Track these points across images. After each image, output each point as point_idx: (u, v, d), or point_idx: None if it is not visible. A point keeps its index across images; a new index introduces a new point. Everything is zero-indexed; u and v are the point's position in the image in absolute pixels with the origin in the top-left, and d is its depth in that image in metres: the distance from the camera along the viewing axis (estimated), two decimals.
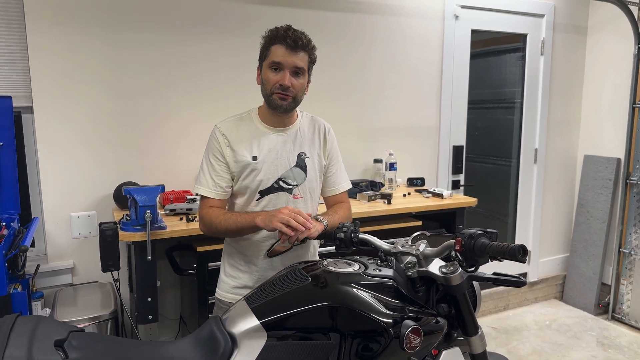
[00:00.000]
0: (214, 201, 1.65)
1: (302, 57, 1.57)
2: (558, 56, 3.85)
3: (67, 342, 1.11)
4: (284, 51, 1.54)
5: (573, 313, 3.84)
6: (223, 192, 1.65)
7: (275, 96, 1.57)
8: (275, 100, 1.58)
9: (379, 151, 3.21)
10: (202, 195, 1.65)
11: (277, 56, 1.55)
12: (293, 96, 1.58)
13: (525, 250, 1.08)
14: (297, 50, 1.55)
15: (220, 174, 1.64)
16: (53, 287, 2.44)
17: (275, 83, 1.56)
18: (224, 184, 1.65)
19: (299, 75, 1.58)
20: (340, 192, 1.81)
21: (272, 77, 1.57)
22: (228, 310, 1.28)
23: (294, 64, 1.55)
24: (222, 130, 1.65)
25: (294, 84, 1.57)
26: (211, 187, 1.64)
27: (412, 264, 1.33)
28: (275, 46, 1.55)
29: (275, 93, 1.57)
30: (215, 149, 1.64)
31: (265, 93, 1.60)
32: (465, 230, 1.20)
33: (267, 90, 1.59)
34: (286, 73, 1.55)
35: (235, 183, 1.65)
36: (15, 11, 2.31)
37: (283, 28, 1.56)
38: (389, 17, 3.15)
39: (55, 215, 2.45)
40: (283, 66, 1.55)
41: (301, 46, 1.55)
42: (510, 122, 3.85)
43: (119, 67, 2.50)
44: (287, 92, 1.56)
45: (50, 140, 2.41)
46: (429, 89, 3.37)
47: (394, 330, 1.16)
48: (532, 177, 3.92)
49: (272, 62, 1.56)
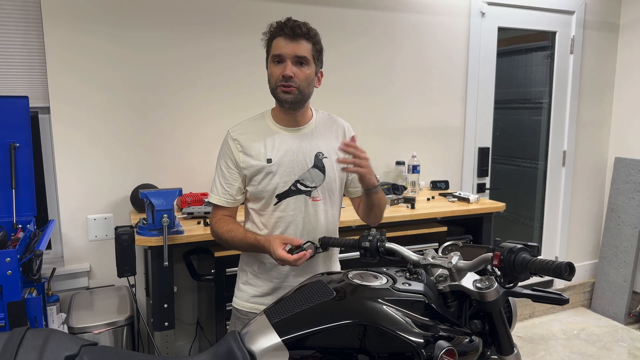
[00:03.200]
0: (224, 210, 1.61)
1: (303, 45, 1.49)
2: (588, 55, 3.70)
3: (79, 358, 1.05)
4: (283, 42, 1.48)
5: (602, 322, 3.69)
6: (233, 200, 1.60)
7: (279, 89, 1.51)
8: (279, 94, 1.51)
9: (401, 153, 3.11)
10: (213, 203, 1.62)
11: (277, 48, 1.49)
12: (297, 87, 1.50)
13: (573, 269, 0.99)
14: (296, 39, 1.48)
15: (229, 182, 1.58)
16: (69, 290, 2.41)
17: (278, 76, 1.50)
18: (233, 191, 1.59)
19: (303, 65, 1.51)
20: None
21: (275, 71, 1.51)
22: (247, 325, 1.21)
23: (294, 53, 1.48)
24: (233, 136, 1.59)
25: (297, 74, 1.49)
26: (221, 195, 1.59)
27: (444, 277, 1.24)
28: (275, 39, 1.50)
29: (279, 86, 1.51)
30: (226, 155, 1.59)
31: (271, 88, 1.54)
32: (504, 243, 1.11)
33: (272, 84, 1.53)
34: (287, 63, 1.48)
35: (250, 188, 1.59)
36: (33, 12, 2.27)
37: (282, 20, 1.51)
38: (413, 15, 3.05)
39: (71, 217, 2.41)
40: (283, 57, 1.49)
41: (300, 34, 1.48)
42: (537, 122, 3.72)
43: (135, 67, 2.46)
44: (290, 83, 1.49)
45: (66, 141, 2.37)
46: (454, 88, 3.26)
47: (426, 352, 1.07)
48: (559, 180, 3.78)
49: (274, 55, 1.50)
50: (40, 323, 1.83)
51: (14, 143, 2.15)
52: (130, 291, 2.33)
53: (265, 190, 1.57)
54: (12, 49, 2.27)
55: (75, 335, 1.84)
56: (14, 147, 2.15)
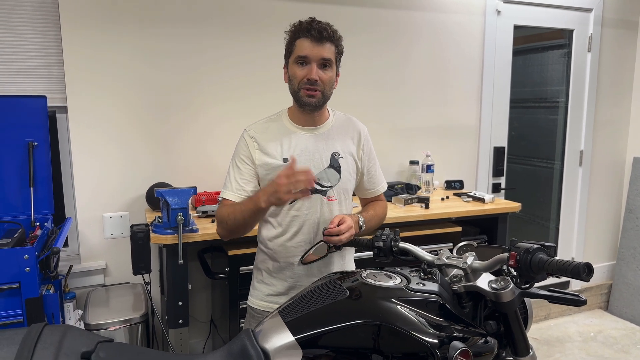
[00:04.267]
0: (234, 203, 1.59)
1: (328, 48, 1.49)
2: (606, 53, 3.64)
3: (95, 354, 1.06)
4: (309, 43, 1.47)
5: (620, 324, 3.63)
6: (247, 195, 1.58)
7: (303, 92, 1.50)
8: (303, 97, 1.51)
9: (415, 152, 3.10)
10: (224, 197, 1.58)
11: (302, 50, 1.48)
12: (321, 90, 1.50)
13: (591, 269, 0.97)
14: (322, 42, 1.47)
15: (245, 178, 1.58)
16: (85, 287, 2.44)
17: (302, 78, 1.49)
18: (248, 187, 1.58)
19: (327, 68, 1.51)
20: (379, 193, 1.78)
21: (298, 72, 1.50)
22: (261, 323, 1.21)
23: (320, 56, 1.48)
24: (251, 134, 1.58)
25: (322, 77, 1.49)
26: (235, 190, 1.58)
27: (459, 278, 1.23)
28: (300, 40, 1.49)
29: (302, 89, 1.50)
30: (242, 153, 1.58)
31: (293, 90, 1.53)
32: (521, 243, 1.10)
33: (294, 86, 1.52)
34: (313, 66, 1.48)
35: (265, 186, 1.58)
36: (51, 12, 2.30)
37: (307, 21, 1.49)
38: (428, 13, 3.03)
39: (88, 215, 2.44)
40: (309, 59, 1.48)
41: (327, 37, 1.48)
42: (553, 122, 3.67)
43: (152, 67, 2.48)
44: (315, 86, 1.49)
45: (83, 140, 2.40)
46: (469, 87, 3.24)
47: (440, 352, 1.07)
48: (576, 180, 3.73)
49: (298, 56, 1.49)
50: (58, 319, 1.86)
51: (32, 142, 2.18)
52: (145, 289, 2.35)
53: None
54: (31, 50, 2.31)
55: (92, 331, 1.87)
56: (32, 146, 2.18)
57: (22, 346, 0.98)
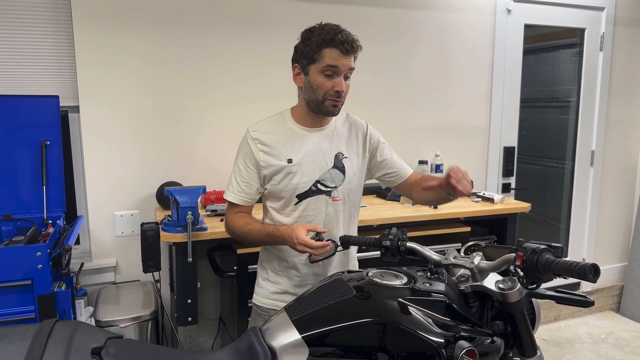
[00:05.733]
0: (240, 207, 1.63)
1: (352, 59, 1.50)
2: (619, 52, 3.61)
3: (105, 349, 1.08)
4: (338, 55, 1.46)
5: (631, 326, 3.59)
6: (249, 199, 1.61)
7: (329, 103, 1.51)
8: (328, 107, 1.51)
9: (424, 152, 3.09)
10: (228, 200, 1.63)
11: (332, 59, 1.46)
12: (343, 100, 1.53)
13: (598, 270, 0.97)
14: (350, 54, 1.48)
15: (247, 180, 1.59)
16: (96, 284, 2.47)
17: (330, 89, 1.49)
18: (250, 191, 1.60)
19: (348, 78, 1.52)
20: (410, 172, 1.74)
21: (326, 83, 1.49)
22: (268, 321, 1.22)
23: (349, 67, 1.49)
24: (254, 135, 1.59)
25: (345, 88, 1.51)
26: (237, 192, 1.60)
27: (466, 278, 1.23)
28: (328, 49, 1.46)
29: (328, 99, 1.50)
30: (246, 155, 1.59)
31: (316, 99, 1.51)
32: (527, 244, 1.09)
33: (318, 96, 1.50)
34: (342, 78, 1.49)
35: (270, 187, 1.59)
36: (64, 13, 2.34)
37: (334, 29, 1.46)
38: (438, 13, 3.03)
39: (99, 213, 2.48)
40: (339, 71, 1.47)
41: (355, 49, 1.49)
42: (564, 122, 3.64)
43: (163, 67, 2.50)
44: (341, 98, 1.51)
45: (95, 139, 2.43)
46: (479, 86, 3.22)
47: (446, 352, 1.07)
48: (587, 180, 3.69)
49: (328, 66, 1.46)
50: (69, 316, 1.89)
51: (45, 141, 2.21)
52: (155, 286, 2.37)
53: (285, 190, 1.57)
54: (43, 50, 2.34)
55: (102, 328, 1.89)
56: (44, 145, 2.21)
57: (33, 341, 1.01)
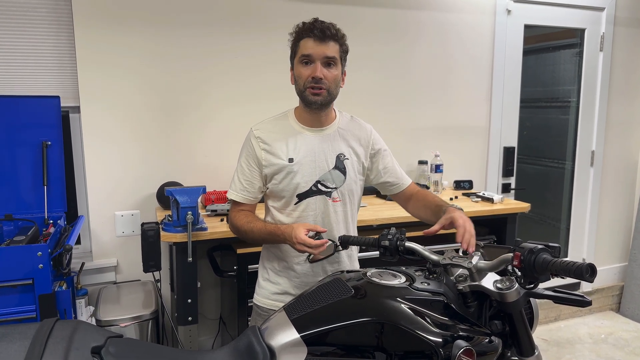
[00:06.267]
0: (243, 205, 1.64)
1: (332, 46, 1.50)
2: (619, 52, 3.61)
3: (105, 349, 1.08)
4: (312, 43, 1.49)
5: (631, 327, 3.59)
6: (252, 198, 1.62)
7: (309, 91, 1.51)
8: (308, 96, 1.52)
9: (424, 152, 3.09)
10: (231, 198, 1.65)
11: (306, 49, 1.50)
12: (327, 88, 1.52)
13: (594, 270, 0.97)
14: (326, 40, 1.49)
15: (249, 179, 1.61)
16: (97, 284, 2.48)
17: (307, 77, 1.51)
18: (253, 189, 1.61)
19: (331, 66, 1.52)
20: (408, 182, 1.75)
21: (303, 72, 1.51)
22: (267, 320, 1.23)
23: (324, 54, 1.49)
24: (256, 134, 1.60)
25: (326, 75, 1.50)
26: (239, 191, 1.62)
27: (464, 277, 1.24)
28: (303, 40, 1.51)
29: (308, 88, 1.51)
30: (248, 153, 1.61)
31: (299, 90, 1.55)
32: (525, 244, 1.10)
33: (300, 86, 1.54)
34: (317, 64, 1.49)
35: (271, 186, 1.60)
36: (65, 14, 2.34)
37: (309, 21, 1.51)
38: (437, 13, 3.03)
39: (100, 213, 2.48)
40: (313, 58, 1.49)
41: (330, 36, 1.49)
42: (564, 122, 3.64)
43: (164, 68, 2.51)
44: (320, 84, 1.50)
45: (96, 139, 2.44)
46: (479, 87, 3.23)
47: (444, 351, 1.07)
48: (588, 180, 3.70)
49: (302, 55, 1.51)
50: (70, 315, 1.90)
51: (46, 141, 2.22)
52: (156, 286, 2.38)
53: (286, 190, 1.58)
54: (44, 51, 2.35)
55: (102, 327, 1.90)
56: (45, 145, 2.22)
57: (34, 340, 1.01)
